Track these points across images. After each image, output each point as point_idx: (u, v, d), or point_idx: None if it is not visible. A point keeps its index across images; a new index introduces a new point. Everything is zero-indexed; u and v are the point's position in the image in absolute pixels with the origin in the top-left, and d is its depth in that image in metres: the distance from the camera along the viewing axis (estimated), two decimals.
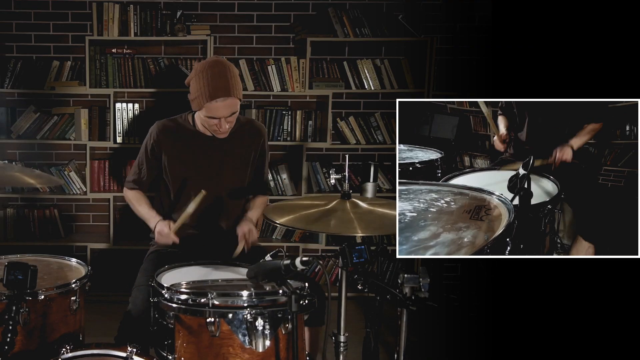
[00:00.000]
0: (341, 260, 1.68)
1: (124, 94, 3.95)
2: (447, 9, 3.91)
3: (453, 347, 2.89)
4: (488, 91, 3.11)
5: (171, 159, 2.38)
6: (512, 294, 2.62)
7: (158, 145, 2.39)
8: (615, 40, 2.17)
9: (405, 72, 3.89)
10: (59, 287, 1.84)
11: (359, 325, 1.95)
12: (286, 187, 3.92)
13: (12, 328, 1.62)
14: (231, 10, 3.94)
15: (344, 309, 1.77)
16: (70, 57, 3.88)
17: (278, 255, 1.71)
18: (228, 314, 1.67)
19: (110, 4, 3.69)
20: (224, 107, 2.21)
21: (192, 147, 2.37)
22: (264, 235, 4.02)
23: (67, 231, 3.98)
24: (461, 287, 3.86)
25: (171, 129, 2.40)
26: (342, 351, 1.78)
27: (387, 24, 3.81)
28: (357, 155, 4.04)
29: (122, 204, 3.98)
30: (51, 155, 3.99)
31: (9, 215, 3.86)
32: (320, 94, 3.84)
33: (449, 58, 3.90)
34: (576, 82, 2.27)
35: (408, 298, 1.57)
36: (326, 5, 3.84)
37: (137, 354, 1.66)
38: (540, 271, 2.33)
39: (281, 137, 3.88)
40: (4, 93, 3.81)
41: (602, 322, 2.16)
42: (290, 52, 3.95)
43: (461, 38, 3.92)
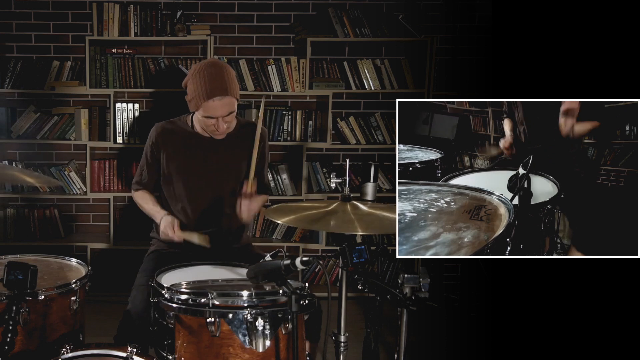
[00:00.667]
0: (341, 260, 1.68)
1: (124, 94, 3.95)
2: (447, 9, 3.91)
3: (453, 347, 2.89)
4: (488, 91, 3.11)
5: (170, 160, 2.39)
6: (512, 294, 2.62)
7: (157, 147, 2.40)
8: (615, 40, 2.17)
9: (405, 72, 3.89)
10: (59, 287, 1.84)
11: (359, 325, 1.96)
12: (286, 187, 3.92)
13: (12, 328, 1.63)
14: (231, 10, 3.94)
15: (344, 309, 1.77)
16: (70, 57, 3.89)
17: (278, 255, 1.71)
18: (228, 314, 1.67)
19: (110, 4, 3.69)
20: (221, 106, 2.21)
21: (191, 149, 2.38)
22: (264, 235, 4.02)
23: (67, 231, 3.98)
24: (461, 287, 3.86)
25: (169, 131, 2.41)
26: (342, 351, 1.78)
27: (387, 24, 3.81)
28: (357, 155, 4.05)
29: (122, 204, 3.98)
30: (51, 156, 3.99)
31: (9, 215, 3.86)
32: (321, 94, 3.84)
33: (449, 58, 3.90)
34: (576, 82, 2.26)
35: (408, 298, 1.56)
36: (326, 5, 3.84)
37: (137, 354, 1.66)
38: (540, 271, 2.33)
39: (281, 137, 3.88)
40: (4, 93, 3.82)
41: (602, 322, 2.16)
42: (290, 52, 3.95)
43: (461, 38, 3.92)
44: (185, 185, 2.38)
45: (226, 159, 2.38)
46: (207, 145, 2.37)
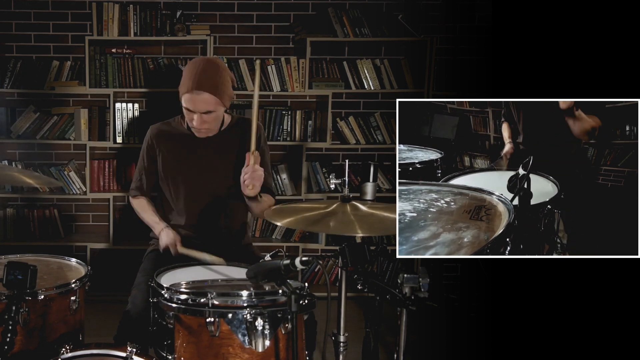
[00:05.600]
0: (341, 260, 1.68)
1: (124, 94, 3.95)
2: (447, 9, 3.91)
3: (453, 347, 2.89)
4: (488, 91, 3.11)
5: (166, 160, 2.39)
6: (512, 294, 2.62)
7: (153, 149, 2.41)
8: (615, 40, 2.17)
9: (405, 72, 3.89)
10: (58, 287, 1.84)
11: (359, 325, 1.95)
12: (286, 187, 3.92)
13: (12, 328, 1.62)
14: (231, 10, 3.94)
15: (344, 309, 1.77)
16: (70, 57, 3.89)
17: (278, 255, 1.71)
18: (228, 314, 1.66)
19: (110, 4, 3.69)
20: (198, 101, 2.19)
21: (186, 148, 2.38)
22: (264, 235, 4.03)
23: (67, 231, 3.98)
24: (461, 287, 3.86)
25: (165, 132, 2.42)
26: (342, 351, 1.78)
27: (387, 24, 3.81)
28: (357, 155, 4.05)
29: (122, 204, 3.98)
30: (51, 155, 3.99)
31: (9, 215, 3.86)
32: (320, 94, 3.84)
33: (449, 58, 3.90)
34: (576, 82, 2.26)
35: (408, 298, 1.56)
36: (326, 5, 3.84)
37: (136, 354, 1.66)
38: (540, 271, 2.33)
39: (281, 137, 3.88)
40: (4, 93, 3.82)
41: (602, 322, 2.16)
42: (290, 52, 3.95)
43: (461, 38, 3.92)
44: (183, 184, 2.38)
45: (221, 156, 2.38)
46: (201, 144, 2.37)
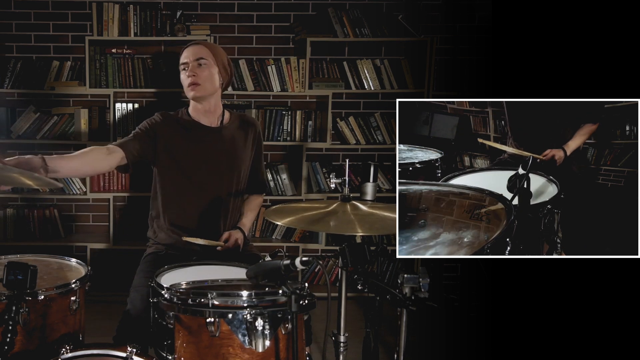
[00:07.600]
0: (341, 260, 1.68)
1: (124, 94, 3.95)
2: (447, 9, 3.91)
3: (453, 347, 2.89)
4: (488, 91, 3.11)
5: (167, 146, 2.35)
6: (512, 294, 2.62)
7: (154, 128, 2.37)
8: (615, 40, 2.17)
9: (405, 72, 3.89)
10: (58, 287, 1.84)
11: (359, 325, 1.95)
12: (286, 187, 3.92)
13: (12, 328, 1.62)
14: (231, 10, 3.94)
15: (344, 309, 1.77)
16: (70, 57, 3.89)
17: (278, 255, 1.71)
18: (228, 314, 1.66)
19: (110, 4, 3.69)
20: (192, 52, 2.36)
21: (190, 136, 2.37)
22: (264, 235, 4.02)
23: (67, 231, 3.98)
24: (461, 287, 3.86)
25: (171, 117, 2.43)
26: (342, 351, 1.78)
27: (387, 24, 3.81)
28: (357, 155, 4.04)
29: (121, 204, 3.98)
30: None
31: (9, 215, 3.86)
32: (320, 94, 3.84)
33: (449, 58, 3.90)
34: (576, 82, 2.27)
35: (408, 298, 1.56)
36: (326, 5, 3.84)
37: (136, 354, 1.66)
38: (540, 271, 2.33)
39: (281, 137, 3.88)
40: (4, 93, 3.82)
41: (602, 322, 2.16)
42: (290, 52, 3.95)
43: (461, 38, 3.92)
44: (181, 173, 2.35)
45: (225, 146, 2.39)
46: (205, 133, 2.38)
